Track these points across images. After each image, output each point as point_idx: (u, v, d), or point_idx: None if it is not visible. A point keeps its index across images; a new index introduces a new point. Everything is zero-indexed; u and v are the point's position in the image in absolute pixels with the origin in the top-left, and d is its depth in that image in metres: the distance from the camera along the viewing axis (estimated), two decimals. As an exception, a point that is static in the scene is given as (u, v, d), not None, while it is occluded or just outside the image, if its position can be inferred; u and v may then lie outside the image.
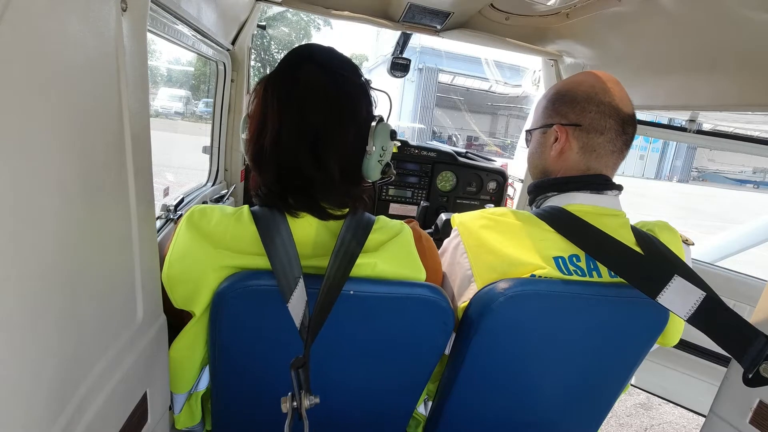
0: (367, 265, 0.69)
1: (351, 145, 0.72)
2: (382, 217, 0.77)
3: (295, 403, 0.57)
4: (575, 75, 0.89)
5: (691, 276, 0.70)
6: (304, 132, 0.69)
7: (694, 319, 0.67)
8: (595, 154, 0.83)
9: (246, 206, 0.73)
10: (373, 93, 0.76)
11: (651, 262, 0.74)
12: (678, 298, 0.68)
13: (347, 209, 0.73)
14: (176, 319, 0.74)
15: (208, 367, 0.76)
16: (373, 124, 0.72)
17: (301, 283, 0.62)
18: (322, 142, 0.69)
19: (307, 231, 0.71)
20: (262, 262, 0.67)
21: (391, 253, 0.72)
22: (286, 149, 0.69)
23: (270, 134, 0.70)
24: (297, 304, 0.60)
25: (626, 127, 0.83)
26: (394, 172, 0.80)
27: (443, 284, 0.85)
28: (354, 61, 0.78)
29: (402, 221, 0.79)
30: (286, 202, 0.70)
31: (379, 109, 0.78)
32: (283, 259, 0.64)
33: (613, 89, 0.83)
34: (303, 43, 0.73)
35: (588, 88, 0.83)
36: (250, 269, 0.67)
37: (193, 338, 0.71)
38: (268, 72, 0.75)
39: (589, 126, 0.82)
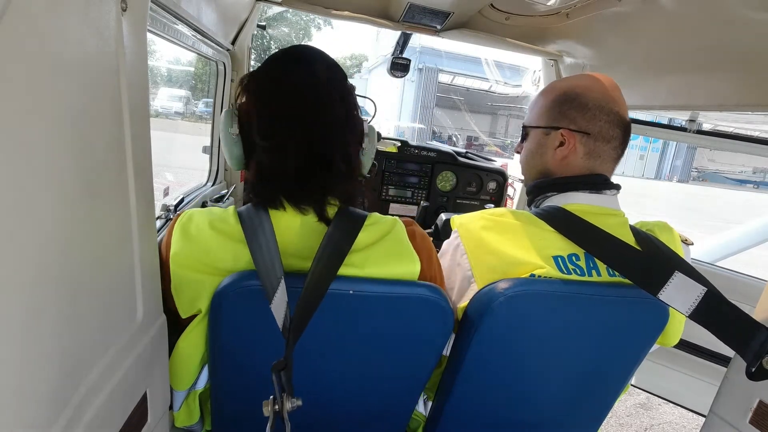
0: (354, 265, 0.69)
1: (346, 142, 0.75)
2: (375, 214, 0.77)
3: (276, 407, 0.56)
4: (580, 78, 0.88)
5: (692, 272, 0.70)
6: (293, 130, 0.71)
7: (696, 315, 0.67)
8: (600, 160, 0.84)
9: (232, 207, 0.74)
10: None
11: (651, 259, 0.74)
12: (679, 295, 0.68)
13: (336, 210, 0.73)
14: (178, 316, 0.75)
15: (207, 366, 0.76)
16: (365, 124, 0.76)
17: (282, 283, 0.61)
18: (317, 140, 0.71)
19: (292, 229, 0.71)
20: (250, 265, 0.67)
21: (381, 251, 0.72)
22: (276, 145, 0.71)
23: (257, 129, 0.72)
24: (279, 305, 0.60)
25: (626, 135, 0.86)
26: (375, 163, 0.86)
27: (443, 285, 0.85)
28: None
29: (396, 218, 0.78)
30: (278, 195, 0.71)
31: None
32: (266, 259, 0.64)
33: (619, 98, 0.84)
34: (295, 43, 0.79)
35: (599, 96, 0.83)
36: (246, 270, 0.67)
37: (200, 335, 0.72)
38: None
39: (597, 134, 0.83)
